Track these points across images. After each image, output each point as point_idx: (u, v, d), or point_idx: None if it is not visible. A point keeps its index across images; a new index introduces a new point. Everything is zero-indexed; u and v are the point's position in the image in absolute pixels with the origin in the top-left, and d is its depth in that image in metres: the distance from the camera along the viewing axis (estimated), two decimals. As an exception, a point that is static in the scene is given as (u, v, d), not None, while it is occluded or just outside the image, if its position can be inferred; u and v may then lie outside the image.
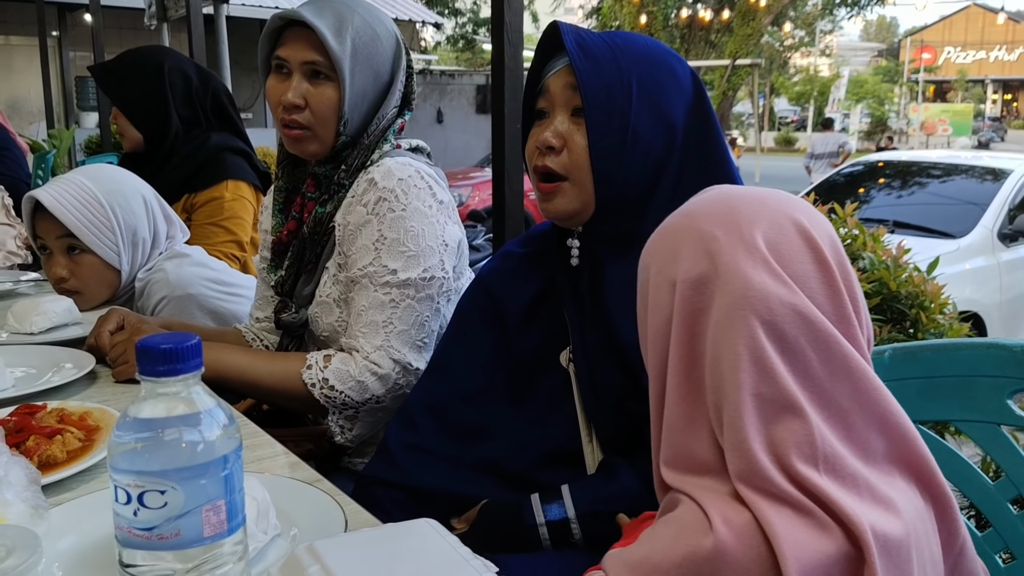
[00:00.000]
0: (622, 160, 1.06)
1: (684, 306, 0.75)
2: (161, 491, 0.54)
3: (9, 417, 1.04)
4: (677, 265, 0.76)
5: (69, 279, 1.64)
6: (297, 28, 1.36)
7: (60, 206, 1.57)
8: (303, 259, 1.44)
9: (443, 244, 1.35)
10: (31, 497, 0.76)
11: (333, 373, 1.30)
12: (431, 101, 13.95)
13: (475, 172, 9.79)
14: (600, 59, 1.06)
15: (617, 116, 1.05)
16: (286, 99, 1.35)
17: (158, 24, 5.24)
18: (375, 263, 1.31)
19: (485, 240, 5.88)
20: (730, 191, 0.82)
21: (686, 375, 0.75)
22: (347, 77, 1.34)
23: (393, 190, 1.32)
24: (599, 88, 1.04)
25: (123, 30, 9.90)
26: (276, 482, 0.92)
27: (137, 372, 0.56)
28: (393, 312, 1.31)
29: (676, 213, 0.82)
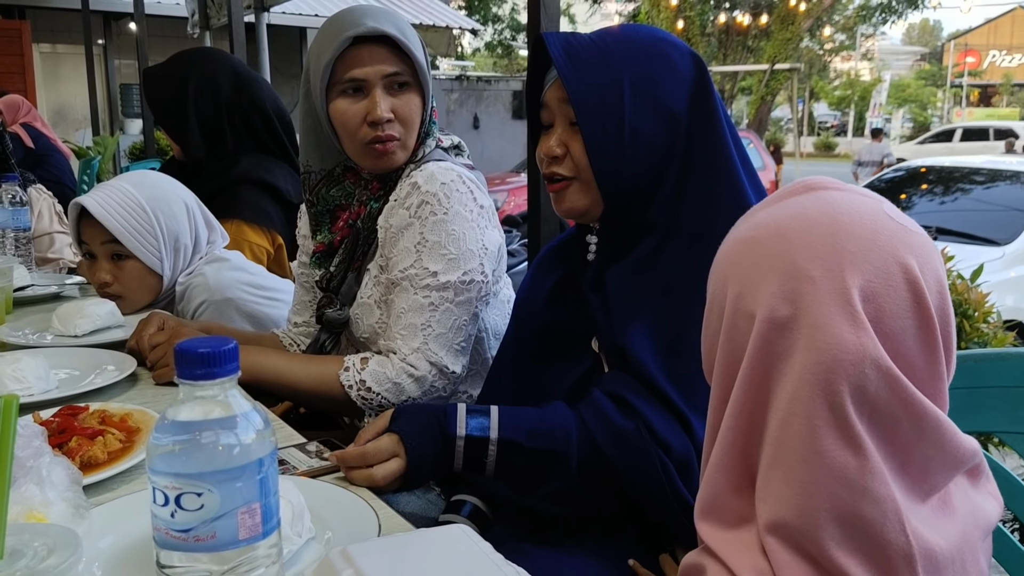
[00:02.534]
0: (624, 159, 1.08)
1: (761, 346, 0.67)
2: (198, 493, 0.55)
3: (52, 418, 1.07)
4: (760, 297, 0.67)
5: (112, 284, 1.67)
6: (364, 45, 1.33)
7: (106, 212, 1.60)
8: (354, 255, 1.45)
9: (483, 248, 1.35)
10: (72, 497, 0.77)
11: (370, 375, 1.31)
12: (467, 107, 14.02)
13: (511, 177, 9.81)
14: (589, 64, 1.08)
15: (612, 119, 1.07)
16: (377, 115, 1.33)
17: (200, 32, 5.34)
18: (416, 265, 1.32)
19: (520, 245, 5.88)
20: (838, 210, 0.69)
21: (747, 417, 0.69)
22: (429, 83, 1.38)
23: (436, 194, 1.33)
24: (590, 95, 1.07)
25: (167, 38, 10.09)
26: (311, 485, 0.93)
27: (175, 375, 0.57)
28: (432, 315, 1.31)
29: (768, 224, 0.71)
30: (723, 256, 0.74)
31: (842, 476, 0.63)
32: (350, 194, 1.47)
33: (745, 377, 0.68)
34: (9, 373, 1.20)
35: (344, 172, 1.48)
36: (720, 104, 1.14)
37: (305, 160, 1.50)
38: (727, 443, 0.70)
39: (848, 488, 0.63)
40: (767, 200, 0.75)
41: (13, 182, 2.17)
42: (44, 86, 10.62)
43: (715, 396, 0.73)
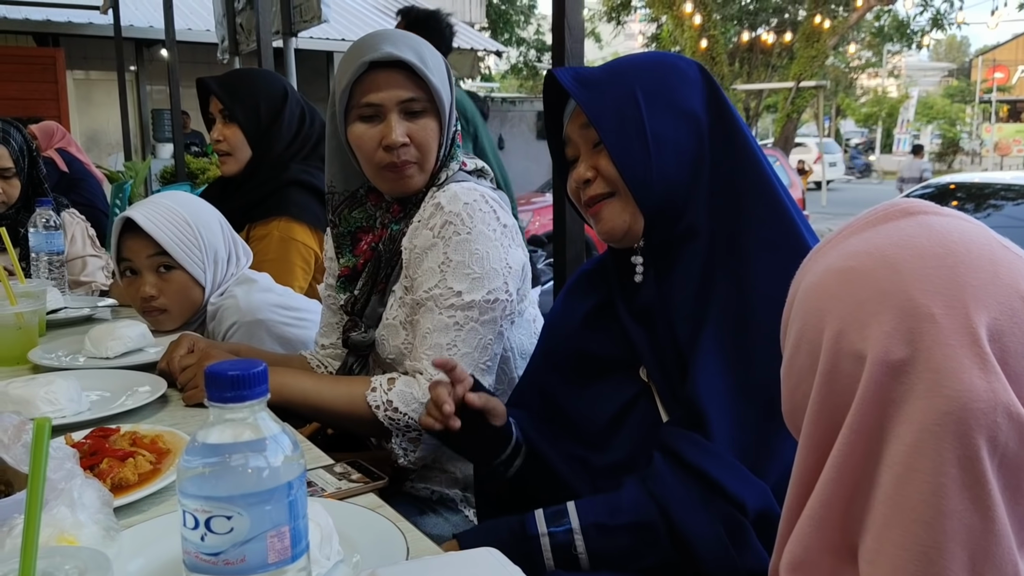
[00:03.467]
0: (652, 165, 1.09)
1: (874, 392, 0.60)
2: (227, 516, 0.55)
3: (84, 440, 1.07)
4: (870, 336, 0.60)
5: (158, 297, 1.68)
6: (381, 71, 1.35)
7: (154, 224, 1.63)
8: (377, 278, 1.46)
9: (507, 267, 1.35)
10: (103, 519, 0.77)
11: (397, 395, 1.31)
12: (492, 128, 14.03)
13: (535, 197, 9.83)
14: (600, 84, 1.11)
15: (633, 128, 1.08)
16: (392, 139, 1.34)
17: (230, 58, 5.43)
18: (440, 285, 1.33)
19: (545, 265, 5.89)
20: (950, 239, 0.62)
21: (853, 470, 0.62)
22: (446, 109, 1.38)
23: (459, 214, 1.33)
24: (607, 111, 1.09)
25: (197, 64, 10.27)
26: (339, 507, 0.93)
27: (205, 398, 0.57)
28: (457, 335, 1.31)
29: (869, 252, 0.64)
30: (814, 288, 0.66)
31: (967, 540, 0.56)
32: (372, 216, 1.48)
33: (853, 425, 0.61)
34: (42, 395, 1.22)
35: (367, 194, 1.49)
36: (734, 110, 1.15)
37: (330, 181, 1.52)
38: (826, 496, 0.63)
39: (972, 554, 0.57)
40: (855, 224, 0.68)
41: (47, 206, 2.21)
42: (77, 112, 10.85)
43: (808, 444, 0.66)
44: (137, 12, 10.41)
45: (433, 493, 1.48)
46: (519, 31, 22.75)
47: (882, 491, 0.59)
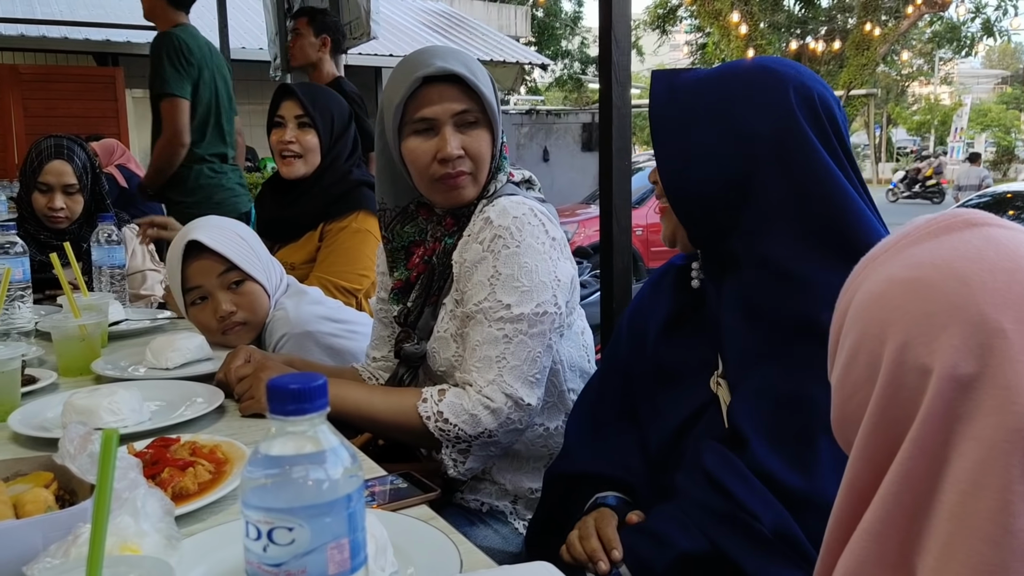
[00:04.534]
0: (689, 178, 1.09)
1: (940, 406, 0.58)
2: (289, 528, 0.55)
3: (146, 449, 1.10)
4: (937, 350, 0.58)
5: (236, 311, 1.70)
6: (434, 85, 1.37)
7: (217, 243, 1.67)
8: (430, 291, 1.47)
9: (556, 280, 1.36)
10: (165, 528, 0.79)
11: (447, 406, 1.32)
12: (537, 140, 14.13)
13: (581, 209, 9.83)
14: (678, 91, 1.11)
15: (681, 139, 1.09)
16: (448, 151, 1.36)
17: (282, 75, 5.54)
18: (490, 298, 1.34)
19: (591, 276, 5.87)
20: (1020, 253, 0.61)
21: (914, 484, 0.60)
22: (497, 117, 1.40)
23: (508, 227, 1.34)
24: (668, 119, 1.10)
25: (250, 81, 10.51)
26: (392, 519, 0.94)
27: (267, 411, 0.58)
28: (506, 347, 1.32)
29: (936, 264, 0.62)
30: (875, 297, 0.64)
31: None
32: (423, 230, 1.50)
33: (916, 440, 0.59)
34: (105, 405, 1.25)
35: (417, 208, 1.51)
36: (823, 137, 1.08)
37: (380, 198, 1.54)
38: (885, 511, 0.61)
39: None
40: (914, 234, 0.66)
41: (109, 222, 2.28)
42: (136, 129, 11.15)
43: (862, 456, 0.64)
44: (192, 32, 10.67)
45: (483, 505, 1.49)
46: (564, 44, 22.81)
47: (946, 508, 0.57)
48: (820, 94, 1.10)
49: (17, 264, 1.91)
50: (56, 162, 2.52)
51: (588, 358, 1.54)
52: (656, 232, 9.84)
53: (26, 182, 2.56)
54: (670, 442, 1.16)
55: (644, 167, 10.41)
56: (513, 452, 1.48)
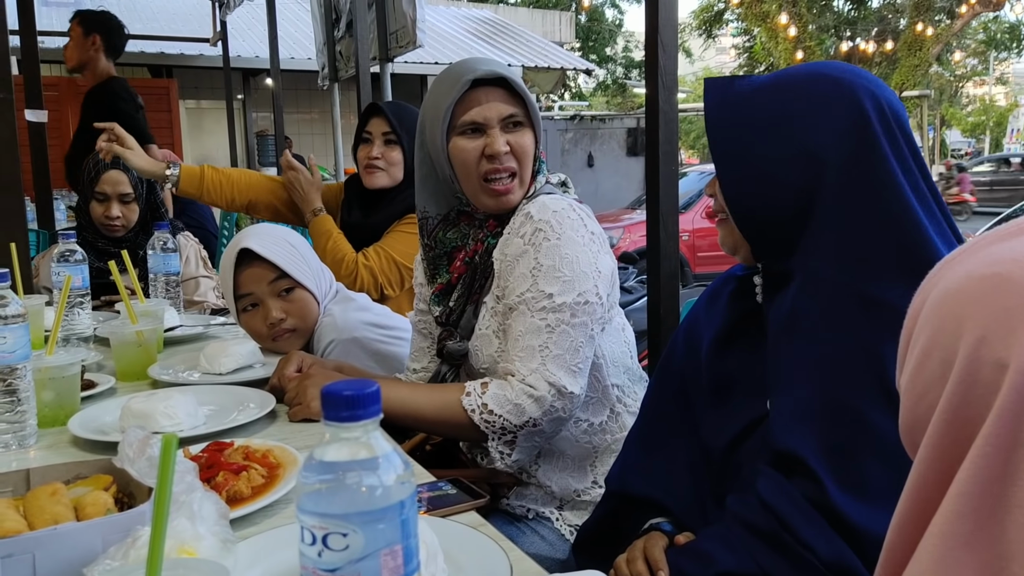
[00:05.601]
0: (755, 197, 1.06)
1: (1016, 402, 0.56)
2: (343, 534, 0.56)
3: (201, 453, 1.12)
4: (1015, 345, 0.57)
5: (286, 319, 1.73)
6: (482, 89, 1.43)
7: (268, 250, 1.70)
8: (471, 289, 1.49)
9: (596, 271, 1.37)
10: (221, 531, 0.80)
11: (491, 398, 1.32)
12: (582, 145, 14.11)
13: (626, 214, 9.77)
14: (738, 102, 1.08)
15: (744, 156, 1.06)
16: (495, 148, 1.41)
17: (330, 84, 5.63)
18: (532, 289, 1.35)
19: (637, 282, 5.82)
20: None
21: (991, 483, 0.58)
22: (538, 122, 1.46)
23: (548, 221, 1.37)
24: (728, 133, 1.07)
25: (299, 90, 10.71)
26: (442, 525, 0.94)
27: (317, 415, 0.59)
28: (549, 336, 1.33)
29: (1020, 260, 0.61)
30: (952, 293, 0.63)
31: None
32: (465, 235, 1.52)
33: (990, 436, 0.57)
34: (161, 409, 1.28)
35: (458, 216, 1.53)
36: (896, 151, 1.04)
37: (422, 206, 1.56)
38: (958, 510, 0.59)
39: None
40: (997, 233, 0.64)
41: (164, 230, 2.33)
42: (189, 139, 11.42)
43: (931, 456, 0.62)
44: (244, 44, 10.92)
45: (529, 511, 1.48)
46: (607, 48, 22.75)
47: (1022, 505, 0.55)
48: (889, 102, 1.06)
49: (77, 272, 1.97)
50: (112, 172, 2.60)
51: (631, 354, 1.53)
52: (703, 238, 9.70)
53: (84, 192, 2.64)
54: (723, 456, 1.14)
55: (690, 172, 10.33)
56: (558, 451, 1.48)
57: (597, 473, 1.48)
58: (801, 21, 16.04)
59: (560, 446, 1.47)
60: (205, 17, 9.38)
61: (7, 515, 0.81)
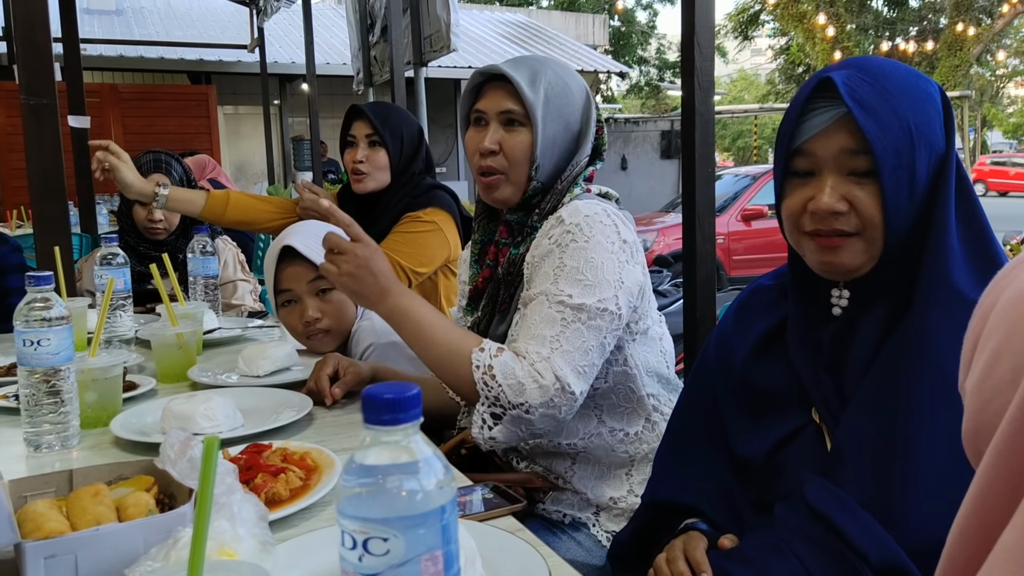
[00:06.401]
0: (911, 211, 1.01)
1: None
2: (384, 538, 0.56)
3: (240, 455, 1.12)
4: None
5: (321, 319, 1.75)
6: (495, 83, 1.46)
7: (310, 249, 1.71)
8: (497, 299, 1.50)
9: (619, 281, 1.35)
10: (260, 533, 0.80)
11: (500, 365, 1.28)
12: (615, 148, 14.06)
13: (660, 217, 9.71)
14: (876, 107, 0.99)
15: (904, 170, 0.99)
16: (482, 145, 1.44)
17: (365, 89, 5.67)
18: (552, 286, 1.34)
19: (671, 285, 5.78)
20: None
21: None
22: (539, 122, 1.42)
23: (579, 224, 1.36)
24: (888, 144, 0.98)
25: (334, 95, 10.81)
26: (478, 529, 0.93)
27: (362, 421, 0.59)
28: (562, 331, 1.31)
29: None
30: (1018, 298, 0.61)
31: None
32: (493, 230, 1.56)
33: None
34: (201, 411, 1.29)
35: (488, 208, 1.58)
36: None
37: (477, 195, 1.59)
38: None
39: None
40: None
41: (204, 233, 2.36)
42: (227, 144, 11.59)
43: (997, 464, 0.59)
44: (281, 50, 11.06)
45: (565, 516, 1.47)
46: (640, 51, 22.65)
47: None
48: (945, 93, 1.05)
49: (119, 275, 2.00)
50: (154, 175, 2.63)
51: (667, 364, 1.51)
52: (738, 241, 9.57)
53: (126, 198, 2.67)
54: (764, 464, 1.12)
55: (724, 175, 10.23)
56: (594, 459, 1.46)
57: (633, 482, 1.46)
58: (839, 21, 15.84)
59: (596, 454, 1.46)
60: (243, 24, 9.53)
61: (50, 516, 0.82)
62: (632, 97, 25.06)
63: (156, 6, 12.70)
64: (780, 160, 1.07)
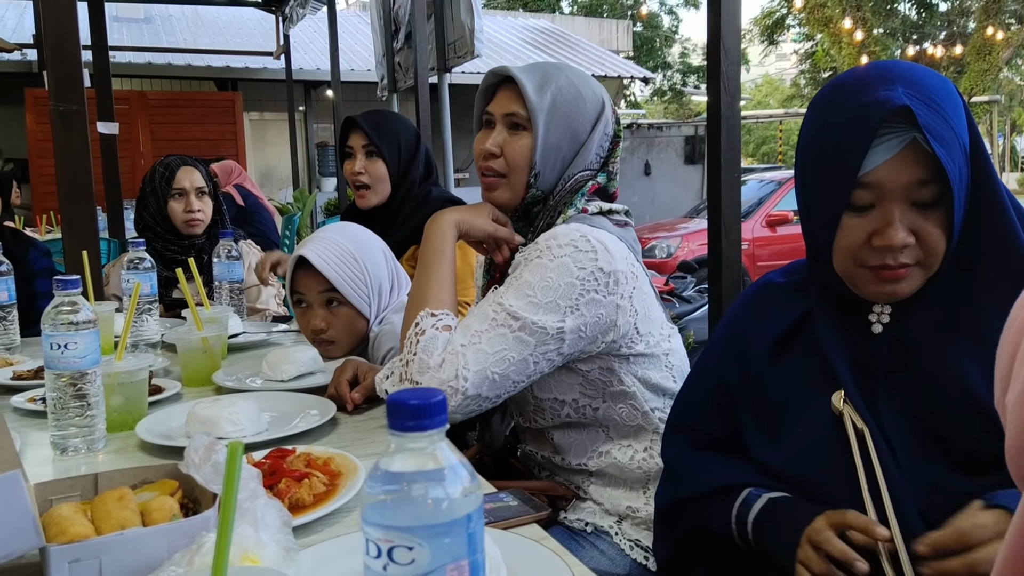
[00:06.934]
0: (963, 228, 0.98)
1: None
2: (409, 547, 0.55)
3: (264, 460, 1.12)
4: None
5: (327, 330, 1.75)
6: (506, 86, 1.45)
7: (325, 263, 1.70)
8: None
9: (573, 308, 1.28)
10: (283, 539, 0.79)
11: (430, 338, 1.29)
12: (639, 154, 14.01)
13: (683, 223, 9.66)
14: (945, 136, 0.93)
15: (964, 191, 0.96)
16: (483, 148, 1.43)
17: (389, 95, 5.70)
18: (503, 290, 1.31)
19: (695, 291, 5.74)
20: None
21: None
22: (540, 128, 1.39)
23: (549, 245, 1.31)
24: (955, 175, 0.94)
25: (359, 102, 10.85)
26: (504, 537, 0.92)
27: (387, 427, 0.58)
28: (488, 330, 1.27)
29: None
30: None
31: None
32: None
33: None
34: (225, 416, 1.29)
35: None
36: None
37: None
38: None
39: None
40: None
41: (229, 238, 2.37)
42: (252, 150, 11.70)
43: None
44: (306, 56, 11.15)
45: (587, 525, 1.46)
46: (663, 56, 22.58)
47: None
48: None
49: (146, 279, 2.01)
50: (185, 168, 2.66)
51: (674, 377, 1.46)
52: (763, 247, 9.47)
53: (158, 197, 2.67)
54: (794, 465, 1.09)
55: (749, 180, 10.15)
56: (607, 475, 1.45)
57: (650, 495, 1.45)
58: (866, 25, 15.69)
59: (609, 471, 1.45)
60: (269, 31, 9.62)
61: (75, 520, 0.82)
62: (655, 102, 24.99)
63: (184, 14, 12.86)
64: (836, 192, 0.98)
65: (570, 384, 1.40)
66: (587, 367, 1.38)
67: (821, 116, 1.01)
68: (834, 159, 0.97)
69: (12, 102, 9.84)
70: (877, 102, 0.94)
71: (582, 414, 1.43)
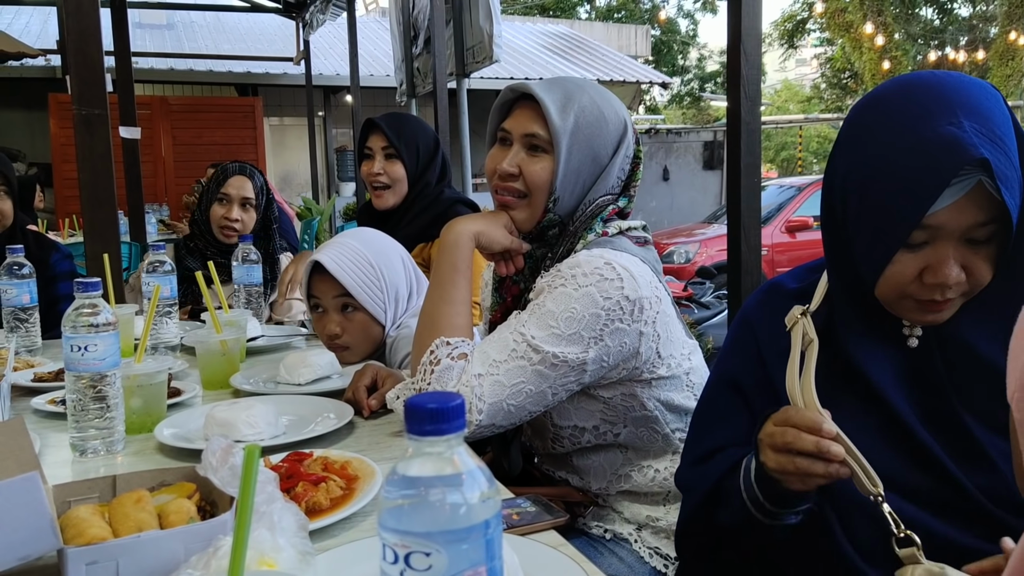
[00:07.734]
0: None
1: None
2: (426, 553, 0.54)
3: (281, 463, 1.12)
4: None
5: (342, 335, 1.76)
6: (525, 102, 1.39)
7: (340, 269, 1.71)
8: None
9: (597, 339, 1.26)
10: (300, 543, 0.79)
11: (445, 367, 1.27)
12: (657, 159, 13.97)
13: (702, 228, 9.62)
14: (1010, 177, 0.90)
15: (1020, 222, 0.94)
16: (501, 168, 1.37)
17: (407, 100, 5.71)
18: (524, 319, 1.29)
19: (714, 297, 5.72)
20: None
21: None
22: (563, 153, 1.34)
23: (574, 273, 1.28)
24: (1017, 212, 0.92)
25: (377, 107, 10.91)
26: (521, 543, 0.91)
27: (405, 431, 0.57)
28: (507, 361, 1.25)
29: None
30: None
31: None
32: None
33: None
34: (243, 419, 1.29)
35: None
36: None
37: None
38: None
39: None
40: None
41: (248, 242, 2.38)
42: (272, 155, 11.76)
43: None
44: (325, 62, 11.22)
45: (606, 532, 1.45)
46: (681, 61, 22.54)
47: None
48: None
49: (165, 282, 2.02)
50: (238, 176, 2.69)
51: (695, 396, 1.43)
52: (782, 253, 9.42)
53: (207, 196, 2.72)
54: None
55: (769, 185, 10.09)
56: (628, 490, 1.45)
57: (670, 505, 1.43)
58: (887, 30, 15.57)
59: (626, 488, 1.44)
60: (289, 37, 9.69)
61: (92, 522, 0.82)
62: (674, 107, 24.93)
63: (206, 20, 12.98)
64: (894, 231, 0.94)
65: (591, 411, 1.39)
66: (609, 394, 1.36)
67: (876, 142, 0.95)
68: (897, 198, 0.93)
69: (36, 107, 9.97)
70: (946, 144, 0.89)
71: (603, 438, 1.42)
